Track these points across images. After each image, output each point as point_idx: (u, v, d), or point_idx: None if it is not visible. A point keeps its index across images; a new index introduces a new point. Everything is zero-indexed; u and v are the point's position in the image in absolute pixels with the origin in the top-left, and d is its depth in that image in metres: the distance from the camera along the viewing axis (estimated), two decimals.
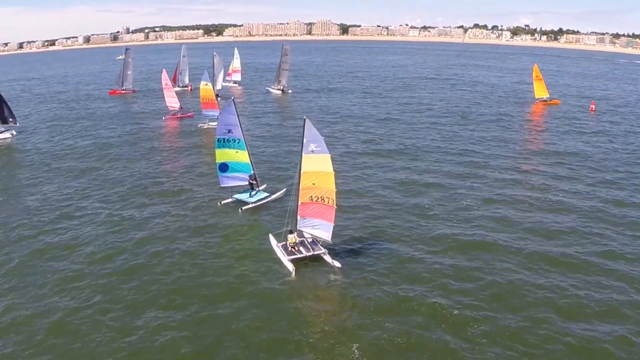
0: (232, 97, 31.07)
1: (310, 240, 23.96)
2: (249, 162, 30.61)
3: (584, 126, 54.53)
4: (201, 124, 52.61)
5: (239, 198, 30.84)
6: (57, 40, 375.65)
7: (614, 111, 64.25)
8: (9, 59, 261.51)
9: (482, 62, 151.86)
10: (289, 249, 23.52)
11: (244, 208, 29.71)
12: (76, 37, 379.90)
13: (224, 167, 30.48)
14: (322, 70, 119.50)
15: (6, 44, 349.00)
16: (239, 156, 30.39)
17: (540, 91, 68.55)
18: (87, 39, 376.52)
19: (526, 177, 36.38)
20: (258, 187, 31.31)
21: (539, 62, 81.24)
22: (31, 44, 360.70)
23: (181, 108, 59.57)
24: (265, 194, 31.24)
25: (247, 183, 30.98)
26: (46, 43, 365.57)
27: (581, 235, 26.54)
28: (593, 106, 64.42)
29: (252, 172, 30.76)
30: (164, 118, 59.09)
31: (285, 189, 31.32)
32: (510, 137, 48.94)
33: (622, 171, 37.94)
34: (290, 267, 22.62)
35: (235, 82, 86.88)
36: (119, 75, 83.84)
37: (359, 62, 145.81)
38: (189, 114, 59.74)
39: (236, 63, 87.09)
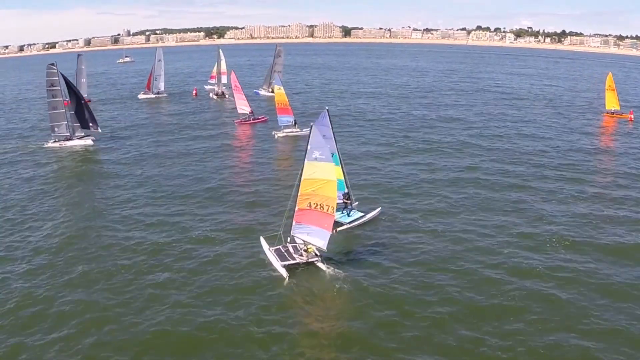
0: (327, 107, 29.03)
1: (302, 246, 23.36)
2: (343, 178, 28.50)
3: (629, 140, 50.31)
4: (275, 132, 49.50)
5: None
6: (57, 42, 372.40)
7: None
8: (10, 61, 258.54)
9: (489, 65, 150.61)
10: (283, 254, 23.23)
11: (338, 229, 27.36)
12: (77, 40, 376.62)
13: None
14: (325, 73, 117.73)
15: (6, 47, 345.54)
16: None
17: (612, 103, 61.83)
18: (88, 42, 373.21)
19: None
20: (352, 205, 29.21)
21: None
22: (32, 46, 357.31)
23: (252, 113, 56.71)
24: (360, 214, 29.04)
25: (340, 201, 28.91)
26: (47, 46, 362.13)
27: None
28: (632, 116, 59.33)
29: (346, 190, 28.70)
30: (235, 123, 56.37)
31: (380, 208, 29.40)
32: (564, 154, 44.73)
33: None
34: (284, 272, 22.25)
35: (222, 85, 78.61)
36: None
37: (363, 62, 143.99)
38: (262, 118, 57.10)
39: (222, 65, 78.89)
